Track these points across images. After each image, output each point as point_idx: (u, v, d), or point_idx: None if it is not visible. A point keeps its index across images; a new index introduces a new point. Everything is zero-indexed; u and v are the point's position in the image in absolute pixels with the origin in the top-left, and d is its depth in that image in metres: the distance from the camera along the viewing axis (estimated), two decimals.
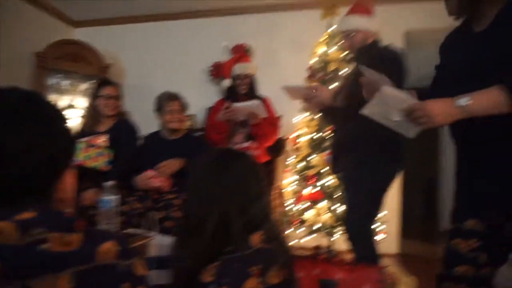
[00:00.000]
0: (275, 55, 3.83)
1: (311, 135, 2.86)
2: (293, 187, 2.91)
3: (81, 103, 3.96)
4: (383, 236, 2.74)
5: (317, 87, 2.01)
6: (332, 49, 2.92)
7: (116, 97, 2.38)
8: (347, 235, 1.89)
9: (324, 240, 2.87)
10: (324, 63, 2.94)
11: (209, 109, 3.59)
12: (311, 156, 2.82)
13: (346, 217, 1.94)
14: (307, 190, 2.75)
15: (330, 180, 2.71)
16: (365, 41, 1.97)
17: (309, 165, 2.81)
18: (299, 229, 2.82)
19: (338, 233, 2.70)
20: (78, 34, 4.33)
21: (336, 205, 2.66)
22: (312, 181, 2.74)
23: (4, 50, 3.38)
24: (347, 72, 2.75)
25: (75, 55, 3.73)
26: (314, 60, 3.06)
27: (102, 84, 2.44)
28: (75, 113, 3.89)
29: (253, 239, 0.89)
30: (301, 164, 2.87)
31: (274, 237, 0.94)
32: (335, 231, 2.71)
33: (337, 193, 2.67)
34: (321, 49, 2.99)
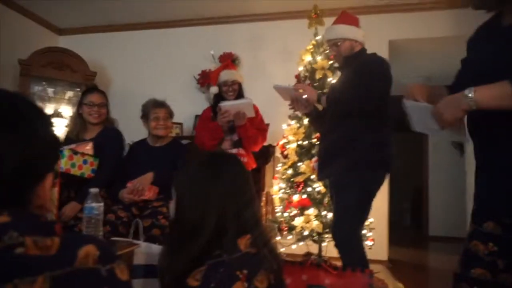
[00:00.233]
0: (263, 63, 3.86)
1: (299, 142, 2.86)
2: (281, 194, 2.90)
3: (67, 111, 3.91)
4: (371, 243, 2.74)
5: (304, 86, 2.03)
6: (319, 58, 2.95)
7: (100, 105, 2.32)
8: (335, 242, 1.88)
9: (314, 247, 2.85)
10: (311, 71, 2.96)
11: (198, 117, 3.58)
12: (299, 163, 2.82)
13: (334, 223, 1.93)
14: (295, 197, 2.74)
15: (318, 187, 2.71)
16: (352, 50, 2.00)
17: (297, 172, 2.81)
18: (288, 236, 2.80)
19: (327, 240, 2.69)
20: (63, 42, 4.29)
21: (324, 212, 2.65)
22: (300, 188, 2.74)
23: None
24: (334, 80, 2.78)
25: (59, 63, 3.69)
26: (301, 68, 3.09)
27: (86, 92, 2.41)
28: (61, 121, 3.83)
29: (240, 243, 0.88)
30: (289, 171, 2.86)
31: (262, 242, 0.92)
32: (324, 238, 2.70)
33: (325, 199, 2.67)
34: (308, 58, 3.02)
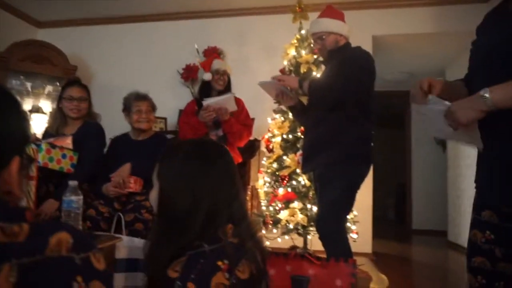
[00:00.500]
0: (247, 58, 3.84)
1: (284, 136, 2.86)
2: (266, 188, 2.89)
3: (46, 106, 3.80)
4: (356, 236, 2.76)
5: (283, 77, 2.03)
6: (303, 52, 2.95)
7: (80, 99, 2.23)
8: (319, 234, 1.89)
9: (299, 240, 2.86)
10: (296, 65, 2.95)
11: (182, 111, 3.53)
12: (284, 157, 2.82)
13: (318, 216, 1.94)
14: (280, 190, 2.74)
15: (303, 181, 2.72)
16: (336, 44, 2.00)
17: (282, 165, 2.81)
18: (274, 229, 2.80)
19: (312, 233, 2.70)
20: (42, 35, 4.17)
21: (309, 205, 2.66)
22: (285, 181, 2.74)
23: None
24: (318, 75, 2.78)
25: (38, 56, 3.59)
26: (286, 62, 3.08)
27: (66, 85, 2.32)
28: (41, 117, 3.72)
29: (221, 233, 0.87)
30: (274, 165, 2.86)
31: (249, 234, 0.91)
32: (309, 231, 2.71)
33: (310, 193, 2.68)
34: (293, 52, 3.02)
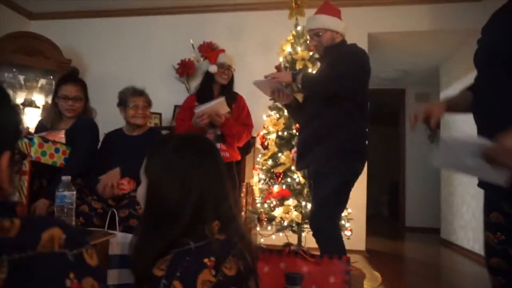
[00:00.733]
0: (243, 54, 3.82)
1: (279, 133, 2.85)
2: (261, 185, 2.89)
3: (40, 100, 3.76)
4: (349, 233, 2.77)
5: (275, 74, 2.02)
6: (299, 48, 2.94)
7: (75, 98, 2.17)
8: (313, 231, 1.89)
9: (293, 237, 2.86)
10: (292, 62, 2.94)
11: (177, 107, 3.49)
12: (279, 154, 2.82)
13: (312, 212, 1.94)
14: (275, 187, 2.74)
15: (298, 178, 2.72)
16: (333, 41, 2.00)
17: (277, 162, 2.81)
18: (268, 226, 2.80)
19: (307, 230, 2.71)
20: (34, 27, 4.10)
21: (303, 203, 2.66)
22: (280, 178, 2.73)
23: None
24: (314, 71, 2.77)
25: (31, 49, 3.53)
26: (282, 59, 3.07)
27: (61, 82, 2.24)
28: (34, 111, 3.68)
29: (207, 230, 0.85)
30: (269, 162, 2.85)
31: (235, 232, 0.90)
32: (304, 228, 2.72)
33: (305, 190, 2.68)
34: (288, 48, 3.01)
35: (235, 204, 0.98)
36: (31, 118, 3.65)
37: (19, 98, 3.69)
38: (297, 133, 2.71)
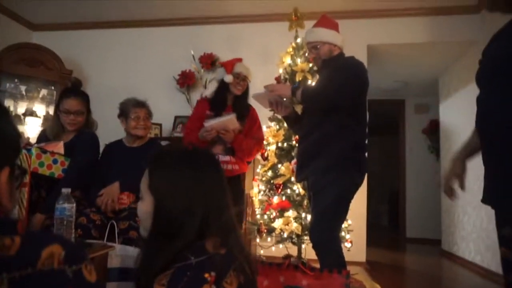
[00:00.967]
0: None
1: (279, 144, 2.86)
2: (261, 196, 2.88)
3: (41, 110, 3.77)
4: (349, 245, 2.76)
5: (274, 86, 2.01)
6: (299, 60, 2.96)
7: (77, 113, 2.17)
8: (312, 243, 1.88)
9: (293, 249, 2.85)
10: (291, 73, 2.97)
11: (177, 118, 3.50)
12: (279, 165, 2.82)
13: (311, 224, 1.93)
14: (275, 199, 2.74)
15: (298, 189, 2.71)
16: (331, 53, 2.02)
17: (277, 174, 2.81)
18: (268, 238, 2.79)
19: (307, 242, 2.70)
20: (37, 38, 4.15)
21: (303, 214, 2.65)
22: (280, 190, 2.73)
23: None
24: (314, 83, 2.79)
25: (33, 60, 3.57)
26: (281, 70, 3.09)
27: (63, 95, 2.23)
28: (35, 120, 3.70)
29: (208, 245, 0.86)
30: (269, 173, 2.85)
31: (235, 244, 0.90)
32: (303, 240, 2.70)
33: (305, 201, 2.68)
34: (288, 60, 3.03)
35: (239, 215, 0.99)
36: (32, 128, 3.67)
37: (21, 108, 3.71)
38: (297, 145, 2.72)
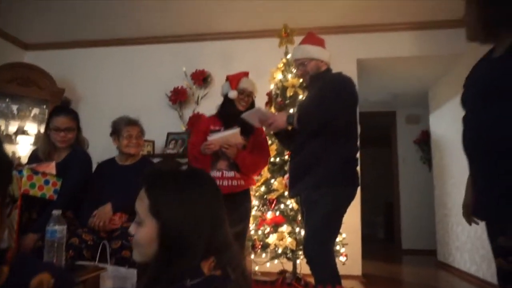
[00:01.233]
0: None
1: (271, 159, 2.87)
2: (254, 212, 2.88)
3: (32, 128, 3.76)
4: (344, 258, 2.75)
5: (270, 117, 2.00)
6: (290, 76, 3.01)
7: (67, 129, 2.18)
8: (306, 258, 1.87)
9: (288, 264, 2.83)
10: (282, 89, 3.01)
11: (170, 134, 3.48)
12: (271, 180, 2.82)
13: (305, 239, 1.93)
14: (268, 214, 2.73)
15: (291, 204, 2.72)
16: (318, 69, 2.06)
17: (270, 189, 2.81)
18: (262, 254, 2.77)
19: (301, 257, 2.68)
20: (29, 57, 4.16)
21: (297, 229, 2.65)
22: (273, 205, 2.73)
23: None
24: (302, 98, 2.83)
25: (25, 79, 3.57)
26: (272, 86, 3.13)
27: (53, 113, 2.25)
28: (26, 139, 3.68)
29: (203, 266, 0.85)
30: (262, 188, 2.86)
31: (233, 264, 0.90)
32: (298, 255, 2.69)
33: (298, 216, 2.68)
34: (279, 76, 3.08)
35: (243, 232, 0.98)
36: (23, 147, 3.65)
37: (12, 127, 3.69)
38: (289, 159, 2.74)
